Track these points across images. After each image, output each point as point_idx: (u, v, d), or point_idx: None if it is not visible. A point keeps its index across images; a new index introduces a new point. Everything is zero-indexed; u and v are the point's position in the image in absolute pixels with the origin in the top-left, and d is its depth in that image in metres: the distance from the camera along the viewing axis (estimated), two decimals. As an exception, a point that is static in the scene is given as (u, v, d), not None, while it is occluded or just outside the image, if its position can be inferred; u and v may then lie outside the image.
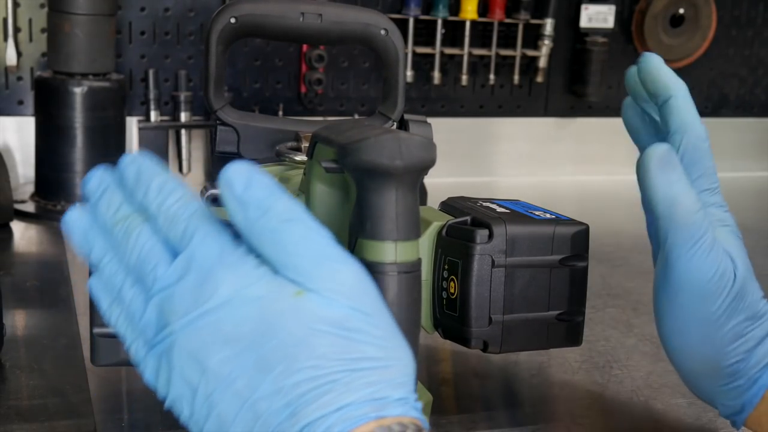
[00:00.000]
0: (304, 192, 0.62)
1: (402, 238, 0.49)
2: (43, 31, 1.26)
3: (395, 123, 0.83)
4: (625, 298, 0.96)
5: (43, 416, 0.64)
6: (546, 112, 1.56)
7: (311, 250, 0.43)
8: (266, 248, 0.43)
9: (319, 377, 0.41)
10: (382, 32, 0.81)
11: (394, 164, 0.48)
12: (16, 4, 1.26)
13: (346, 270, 0.43)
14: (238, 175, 0.43)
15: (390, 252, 0.49)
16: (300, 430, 0.41)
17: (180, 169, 1.34)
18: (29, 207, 1.17)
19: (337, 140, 0.51)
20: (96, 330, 0.57)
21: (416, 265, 0.50)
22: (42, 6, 1.26)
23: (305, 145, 0.75)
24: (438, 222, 0.62)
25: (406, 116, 0.83)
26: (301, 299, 0.42)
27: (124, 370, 0.72)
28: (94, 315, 0.56)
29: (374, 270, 0.49)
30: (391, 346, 0.43)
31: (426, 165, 0.49)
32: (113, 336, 0.53)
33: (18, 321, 0.81)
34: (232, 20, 0.76)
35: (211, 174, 1.35)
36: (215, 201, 0.73)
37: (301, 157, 0.73)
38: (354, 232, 0.50)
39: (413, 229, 0.50)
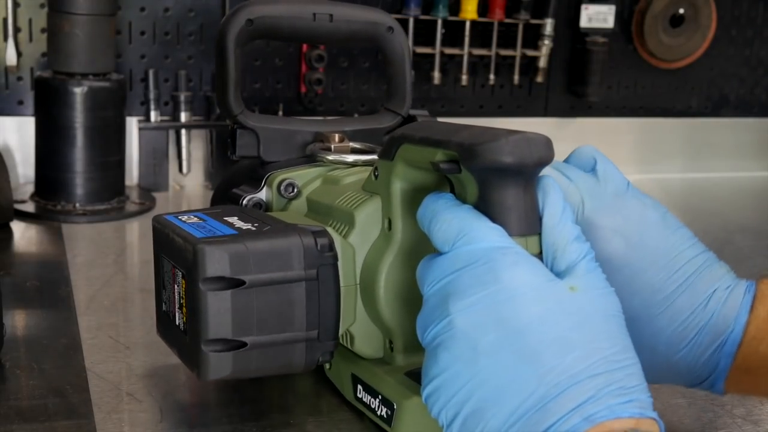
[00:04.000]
0: (374, 192, 0.63)
1: (531, 232, 0.51)
2: (43, 31, 1.26)
3: (403, 118, 0.83)
4: (625, 298, 0.96)
5: (43, 416, 0.64)
6: (546, 112, 1.56)
7: (582, 257, 0.50)
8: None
9: (590, 364, 0.46)
10: (388, 30, 0.81)
11: (525, 162, 0.50)
12: (16, 4, 1.26)
13: (602, 274, 0.50)
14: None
15: (522, 246, 0.51)
16: (566, 414, 0.45)
17: (180, 169, 1.34)
18: (29, 207, 1.17)
19: (456, 141, 0.52)
20: (206, 347, 0.56)
21: (540, 257, 0.52)
22: (42, 6, 1.26)
23: (335, 145, 0.76)
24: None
25: (413, 112, 0.84)
26: (576, 293, 0.48)
27: (125, 370, 0.72)
28: (203, 328, 0.56)
29: None
30: (633, 349, 0.49)
31: (549, 161, 0.51)
32: (224, 351, 0.56)
33: (18, 321, 0.81)
34: (247, 23, 0.76)
35: (212, 174, 1.35)
36: (258, 205, 0.73)
37: (333, 157, 0.74)
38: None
39: (536, 224, 0.52)
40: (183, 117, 1.33)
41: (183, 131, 1.34)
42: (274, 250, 0.57)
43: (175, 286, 0.61)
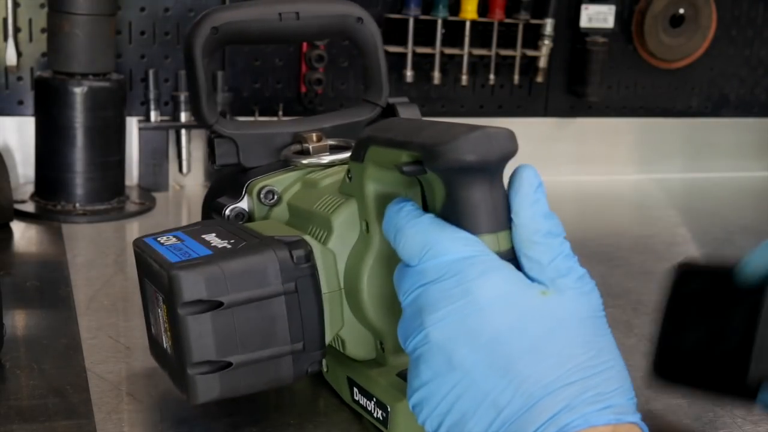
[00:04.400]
0: (350, 194, 0.62)
1: (501, 228, 0.51)
2: (43, 31, 1.26)
3: (382, 108, 0.82)
4: (625, 298, 0.96)
5: (43, 416, 0.64)
6: (546, 112, 1.56)
7: (555, 256, 0.48)
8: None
9: (564, 372, 0.45)
10: (358, 21, 0.80)
11: (488, 159, 0.49)
12: (16, 4, 1.26)
13: (582, 272, 0.49)
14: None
15: (493, 243, 0.50)
16: (542, 425, 0.44)
17: (180, 169, 1.34)
18: (29, 207, 1.17)
19: (418, 142, 0.51)
20: (192, 370, 0.56)
21: (513, 252, 0.51)
22: (42, 6, 1.26)
23: (313, 145, 0.75)
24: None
25: (391, 100, 0.83)
26: (548, 297, 0.47)
27: (125, 370, 0.72)
28: (187, 352, 0.56)
29: None
30: (617, 353, 0.48)
31: (512, 154, 0.51)
32: (210, 373, 0.56)
33: (18, 321, 0.81)
34: (213, 31, 0.75)
35: (212, 174, 1.35)
36: (239, 216, 0.72)
37: (308, 160, 0.73)
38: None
39: (506, 219, 0.51)
40: (183, 117, 1.33)
41: (183, 131, 1.34)
42: (250, 269, 0.57)
43: (158, 309, 0.61)
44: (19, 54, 1.27)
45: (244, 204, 0.73)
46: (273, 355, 0.58)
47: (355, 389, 0.64)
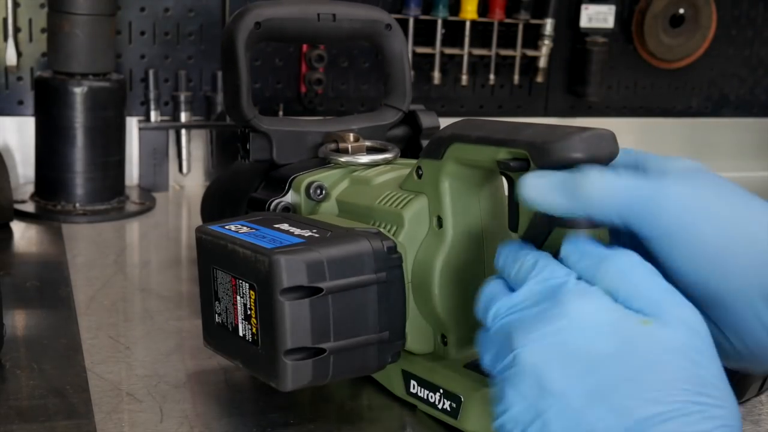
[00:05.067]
0: (414, 191, 0.64)
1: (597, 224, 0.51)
2: (43, 31, 1.26)
3: (404, 114, 0.84)
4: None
5: (43, 416, 0.64)
6: (546, 112, 1.56)
7: (657, 285, 0.47)
8: (613, 283, 0.47)
9: (665, 404, 0.43)
10: (387, 28, 0.82)
11: (596, 158, 0.51)
12: (16, 4, 1.26)
13: (687, 305, 0.47)
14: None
15: (593, 237, 0.51)
16: None
17: (180, 169, 1.34)
18: (29, 207, 1.17)
19: (524, 140, 0.53)
20: (287, 357, 0.56)
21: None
22: (42, 6, 1.26)
23: (351, 145, 0.76)
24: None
25: (413, 107, 0.85)
26: (650, 327, 0.45)
27: (125, 370, 0.72)
28: (282, 338, 0.56)
29: None
30: (724, 386, 0.45)
31: (616, 155, 0.52)
32: (304, 359, 0.56)
33: (18, 321, 0.81)
34: (255, 26, 0.76)
35: (212, 174, 1.35)
36: (285, 210, 0.73)
37: (346, 159, 0.74)
38: (547, 223, 0.52)
39: None
40: (183, 117, 1.33)
41: (183, 131, 1.34)
42: (347, 256, 0.58)
43: (238, 297, 0.61)
44: (19, 54, 1.27)
45: (288, 198, 0.73)
46: (362, 343, 0.59)
47: (414, 382, 0.65)
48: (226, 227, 0.63)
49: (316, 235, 0.60)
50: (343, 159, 0.74)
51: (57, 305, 0.86)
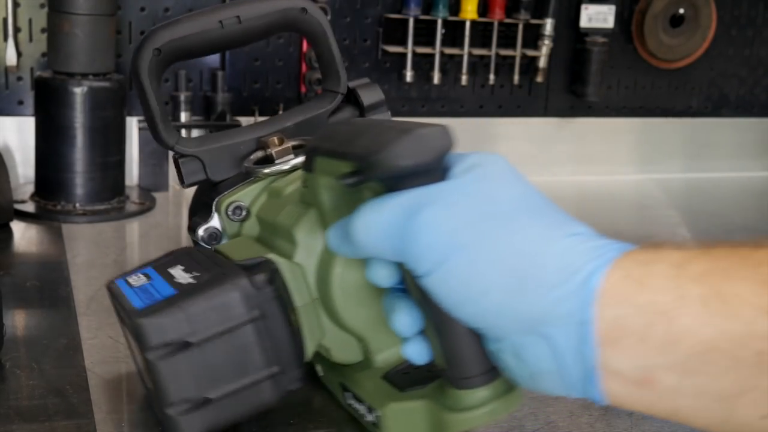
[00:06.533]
0: (310, 203, 0.61)
1: None
2: (43, 31, 1.26)
3: (342, 95, 0.80)
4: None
5: (43, 416, 0.64)
6: (546, 112, 1.56)
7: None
8: None
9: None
10: (302, 12, 0.78)
11: (423, 161, 0.48)
12: (16, 4, 1.26)
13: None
14: None
15: None
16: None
17: (180, 169, 1.34)
18: (29, 207, 1.17)
19: (354, 153, 0.51)
20: (170, 411, 0.56)
21: None
22: (42, 6, 1.26)
23: (276, 150, 0.73)
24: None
25: (351, 84, 0.81)
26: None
27: (124, 370, 0.72)
28: (164, 393, 0.56)
29: None
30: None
31: (448, 149, 0.49)
32: (189, 411, 0.57)
33: (18, 321, 0.81)
34: (155, 52, 0.73)
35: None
36: (213, 236, 0.71)
37: (270, 169, 0.72)
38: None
39: None
40: (183, 117, 1.33)
41: (183, 131, 1.34)
42: (211, 305, 0.57)
43: (135, 352, 0.62)
44: (19, 54, 1.27)
45: (215, 222, 0.71)
46: (251, 383, 0.58)
47: (347, 393, 0.64)
48: (128, 280, 0.63)
49: (192, 283, 0.59)
50: (266, 170, 0.71)
51: (57, 305, 0.86)
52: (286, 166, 0.71)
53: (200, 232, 0.71)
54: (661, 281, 0.43)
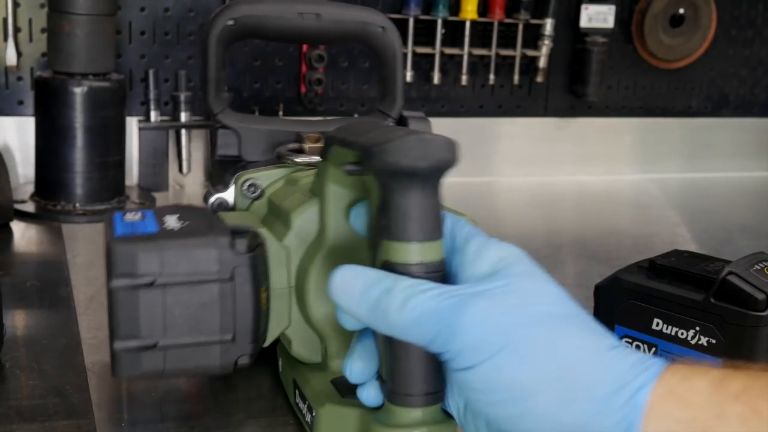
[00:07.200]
0: (316, 194, 0.61)
1: (428, 238, 0.49)
2: (43, 31, 1.26)
3: (394, 120, 0.82)
4: (625, 298, 0.96)
5: (43, 416, 0.64)
6: (546, 112, 1.56)
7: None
8: None
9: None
10: (380, 30, 0.80)
11: (419, 165, 0.48)
12: (16, 4, 1.26)
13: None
14: None
15: (416, 253, 0.49)
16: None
17: (180, 169, 1.34)
18: (29, 207, 1.17)
19: (360, 142, 0.51)
20: (117, 345, 0.56)
21: (441, 264, 0.50)
22: (42, 6, 1.26)
23: (309, 145, 0.74)
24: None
25: (405, 113, 0.83)
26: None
27: (124, 370, 0.72)
28: (115, 326, 0.55)
29: (401, 271, 0.49)
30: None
31: (449, 164, 0.49)
32: (135, 350, 0.55)
33: (18, 321, 0.81)
34: (231, 22, 0.76)
35: (212, 175, 1.35)
36: (221, 206, 0.72)
37: (301, 159, 0.73)
38: (378, 234, 0.50)
39: (438, 229, 0.50)
40: (183, 117, 1.33)
41: (183, 131, 1.34)
42: (185, 251, 0.56)
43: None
44: (19, 54, 1.27)
45: (229, 195, 0.72)
46: (200, 342, 0.56)
47: (297, 391, 0.64)
48: (125, 215, 0.61)
49: (176, 229, 0.58)
50: (297, 159, 0.73)
51: (57, 305, 0.86)
52: (314, 160, 0.72)
53: (211, 199, 0.73)
54: (702, 398, 0.44)
